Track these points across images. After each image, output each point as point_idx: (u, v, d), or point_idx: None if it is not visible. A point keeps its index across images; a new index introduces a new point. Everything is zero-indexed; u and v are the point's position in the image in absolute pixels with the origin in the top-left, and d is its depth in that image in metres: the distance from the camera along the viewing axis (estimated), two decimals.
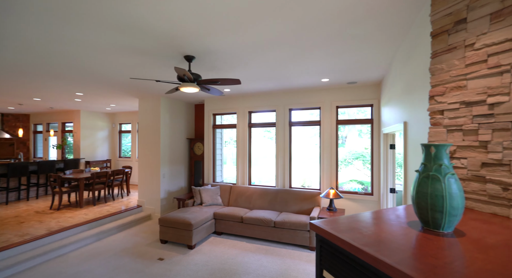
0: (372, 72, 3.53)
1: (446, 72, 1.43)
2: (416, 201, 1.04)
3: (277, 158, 4.90)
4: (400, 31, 2.26)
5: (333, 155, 4.49)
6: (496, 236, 0.97)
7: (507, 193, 1.18)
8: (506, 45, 1.18)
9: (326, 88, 4.52)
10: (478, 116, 1.29)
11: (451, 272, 0.70)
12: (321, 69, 3.41)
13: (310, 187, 5.87)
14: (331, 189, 3.99)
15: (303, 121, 4.84)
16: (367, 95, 4.29)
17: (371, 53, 2.80)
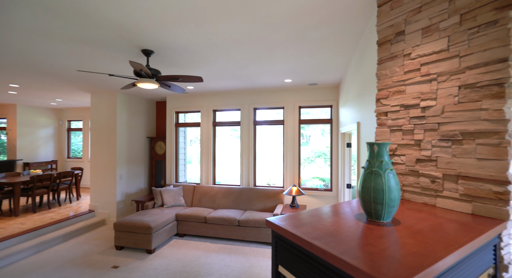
0: (331, 75, 3.75)
1: (389, 77, 1.58)
2: (361, 195, 1.13)
3: (242, 157, 4.91)
4: (354, 38, 2.43)
5: (295, 153, 4.66)
6: (424, 222, 1.11)
7: (434, 185, 1.36)
8: (433, 57, 1.35)
9: (289, 88, 4.67)
10: (414, 118, 1.46)
11: (384, 257, 0.78)
12: (284, 70, 3.50)
13: (275, 185, 6.02)
14: (294, 186, 4.15)
15: (267, 120, 4.93)
16: (327, 97, 4.55)
17: (329, 57, 2.97)
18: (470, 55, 1.22)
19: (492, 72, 1.14)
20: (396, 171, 1.55)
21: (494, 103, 1.14)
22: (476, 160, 1.20)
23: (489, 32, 1.15)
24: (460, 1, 1.25)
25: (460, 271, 0.93)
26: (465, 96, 1.24)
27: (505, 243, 1.12)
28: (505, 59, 1.10)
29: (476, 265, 1.02)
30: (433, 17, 1.36)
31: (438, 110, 1.34)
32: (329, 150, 4.63)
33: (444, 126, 1.32)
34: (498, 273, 1.11)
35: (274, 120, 4.88)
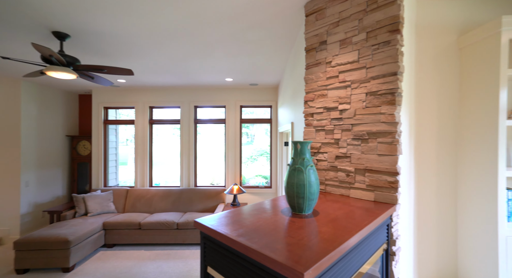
0: (270, 76, 3.92)
1: (315, 82, 1.75)
2: (286, 190, 1.22)
3: (182, 156, 4.69)
4: (288, 43, 2.60)
5: (237, 152, 4.71)
6: (340, 211, 1.26)
7: (348, 178, 1.57)
8: (348, 66, 1.55)
9: (231, 87, 4.68)
10: (334, 119, 1.65)
11: (300, 246, 0.85)
12: (224, 69, 3.49)
13: (219, 184, 5.96)
14: (235, 185, 4.19)
15: (209, 119, 4.83)
16: (266, 97, 4.74)
17: (267, 59, 3.10)
18: (373, 67, 1.44)
19: (387, 83, 1.38)
20: (320, 167, 1.72)
21: (389, 108, 1.38)
22: (377, 155, 1.43)
23: (385, 49, 1.38)
24: (366, 20, 1.47)
25: (364, 247, 1.10)
26: (370, 102, 1.46)
27: (394, 222, 1.37)
28: (395, 73, 1.34)
29: (375, 241, 1.22)
30: (347, 32, 1.56)
31: (352, 113, 1.55)
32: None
33: (356, 127, 1.53)
34: (389, 247, 1.36)
35: (216, 119, 4.82)
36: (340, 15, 1.60)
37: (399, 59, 1.36)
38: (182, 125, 4.71)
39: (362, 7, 1.49)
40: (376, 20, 1.43)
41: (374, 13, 1.44)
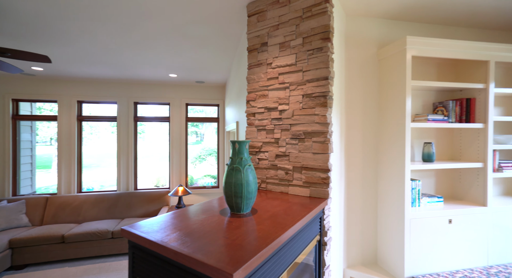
0: (217, 74, 3.85)
1: (257, 82, 1.78)
2: (224, 190, 1.20)
3: (120, 157, 4.23)
4: (233, 42, 2.59)
5: (182, 151, 4.49)
6: (277, 208, 1.31)
7: (287, 176, 1.64)
8: (287, 69, 1.63)
9: (176, 84, 4.43)
10: (274, 119, 1.71)
11: (233, 246, 0.84)
12: (167, 64, 3.27)
13: (164, 186, 5.58)
14: (180, 186, 3.98)
15: (152, 117, 4.47)
16: (214, 96, 4.65)
17: (213, 57, 3.03)
18: (309, 71, 1.54)
19: (321, 86, 1.49)
20: (261, 165, 1.76)
21: (322, 110, 1.49)
22: (312, 154, 1.54)
23: (318, 55, 1.50)
24: (303, 27, 1.56)
25: (298, 240, 1.16)
26: (306, 104, 1.56)
27: (326, 215, 1.50)
28: (327, 78, 1.46)
29: (309, 234, 1.31)
30: (286, 36, 1.63)
31: (290, 113, 1.63)
32: None
33: (294, 127, 1.62)
34: (322, 238, 1.48)
35: (159, 117, 4.50)
36: (280, 19, 1.66)
37: (330, 65, 1.48)
38: (119, 123, 4.24)
39: (299, 14, 1.58)
40: (310, 27, 1.53)
41: (309, 21, 1.54)
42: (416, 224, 1.82)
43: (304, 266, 1.38)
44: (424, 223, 1.83)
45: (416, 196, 1.92)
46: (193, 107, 5.08)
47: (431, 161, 1.98)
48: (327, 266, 1.51)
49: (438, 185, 2.20)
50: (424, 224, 1.83)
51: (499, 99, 2.30)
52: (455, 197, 2.19)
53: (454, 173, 2.19)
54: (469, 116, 2.00)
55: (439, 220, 1.85)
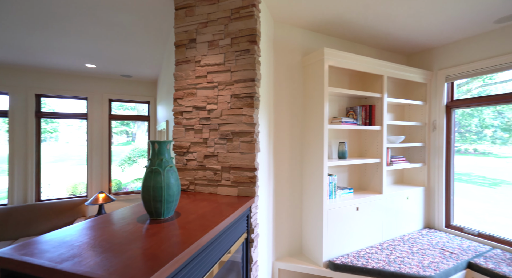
0: (147, 69, 3.53)
1: (184, 80, 1.70)
2: (142, 195, 1.09)
3: (12, 162, 3.40)
4: (164, 35, 2.41)
5: (105, 153, 3.94)
6: (203, 209, 1.27)
7: (216, 176, 1.63)
8: (215, 68, 1.61)
9: (95, 76, 3.85)
10: (203, 119, 1.66)
11: (144, 256, 0.77)
12: (82, 52, 2.81)
13: (82, 194, 4.77)
14: (101, 193, 3.48)
15: (63, 113, 3.76)
16: (143, 92, 4.25)
17: (141, 49, 2.76)
18: (237, 72, 1.56)
19: (248, 87, 1.53)
20: (189, 166, 1.69)
21: (249, 110, 1.54)
22: (240, 153, 1.57)
23: (246, 57, 1.53)
24: (231, 27, 1.57)
25: (223, 239, 1.15)
26: (234, 104, 1.58)
27: (253, 212, 1.55)
28: (253, 79, 1.51)
29: (235, 232, 1.32)
30: (215, 34, 1.61)
31: (218, 113, 1.62)
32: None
33: (222, 127, 1.61)
34: (249, 235, 1.53)
35: (73, 113, 3.83)
36: (209, 16, 1.63)
37: (257, 67, 1.54)
38: (13, 119, 3.40)
39: (227, 14, 1.58)
40: (238, 29, 1.55)
41: (237, 22, 1.56)
42: (333, 214, 2.07)
43: (231, 264, 1.39)
44: (338, 212, 2.10)
45: (333, 189, 2.19)
46: (122, 104, 4.52)
47: (344, 158, 2.29)
48: (254, 262, 1.56)
49: (350, 178, 2.57)
50: (338, 213, 2.10)
51: (391, 107, 2.84)
52: (362, 187, 2.59)
53: (361, 168, 2.60)
54: (371, 120, 2.40)
55: (350, 209, 2.16)
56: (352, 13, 1.96)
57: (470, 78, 2.56)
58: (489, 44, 2.29)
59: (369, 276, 1.87)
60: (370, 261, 1.98)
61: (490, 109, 5.26)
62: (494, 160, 6.02)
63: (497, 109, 4.75)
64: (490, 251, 2.13)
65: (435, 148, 2.70)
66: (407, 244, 2.28)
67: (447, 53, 2.60)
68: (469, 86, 3.72)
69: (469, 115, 5.39)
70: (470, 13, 1.96)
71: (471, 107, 2.57)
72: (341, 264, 1.94)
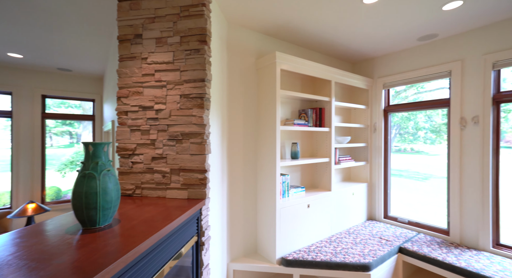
0: (90, 63, 3.19)
1: (129, 77, 1.58)
2: (73, 202, 0.98)
3: None
4: (108, 28, 2.21)
5: (36, 157, 3.44)
6: (147, 214, 1.20)
7: (164, 179, 1.55)
8: (164, 66, 1.54)
9: (23, 68, 3.35)
10: (150, 119, 1.57)
11: (67, 271, 0.69)
12: (4, 38, 2.41)
13: (6, 205, 4.07)
14: (30, 203, 3.02)
15: None
16: (87, 89, 3.84)
17: (80, 40, 2.48)
18: (186, 72, 1.52)
19: (198, 87, 1.50)
20: (135, 169, 1.58)
21: (199, 111, 1.50)
22: (190, 155, 1.52)
23: (195, 57, 1.50)
24: (180, 25, 1.52)
25: (170, 243, 1.10)
26: (184, 104, 1.53)
27: (204, 215, 1.52)
28: (203, 80, 1.49)
29: (183, 236, 1.28)
30: (163, 31, 1.54)
31: (167, 113, 1.55)
32: None
33: (171, 128, 1.55)
34: (199, 238, 1.49)
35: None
36: (156, 12, 1.55)
37: (207, 68, 1.52)
38: None
39: (176, 11, 1.53)
40: (188, 27, 1.51)
41: (186, 20, 1.51)
42: (285, 212, 2.15)
43: (179, 270, 1.34)
44: (291, 210, 2.19)
45: (286, 188, 2.28)
46: (65, 101, 3.99)
47: (297, 158, 2.41)
48: (205, 265, 1.53)
49: (303, 177, 2.70)
50: (291, 211, 2.19)
51: (339, 110, 3.09)
52: (314, 186, 2.76)
53: (313, 167, 2.76)
54: (321, 122, 2.57)
55: (301, 206, 2.28)
56: (300, 20, 2.08)
57: (406, 85, 2.93)
58: (415, 58, 2.65)
59: (318, 268, 1.99)
60: (319, 254, 2.11)
61: (422, 113, 6.05)
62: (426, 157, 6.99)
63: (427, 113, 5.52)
64: (416, 236, 2.47)
65: (376, 147, 3.02)
66: (352, 236, 2.50)
67: (384, 63, 2.94)
68: (406, 93, 4.28)
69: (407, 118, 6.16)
70: (399, 31, 2.25)
71: (403, 111, 2.94)
72: (292, 259, 2.03)
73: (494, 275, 1.75)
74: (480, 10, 1.90)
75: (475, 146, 2.22)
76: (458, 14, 1.96)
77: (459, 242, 2.31)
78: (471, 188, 2.25)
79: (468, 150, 2.27)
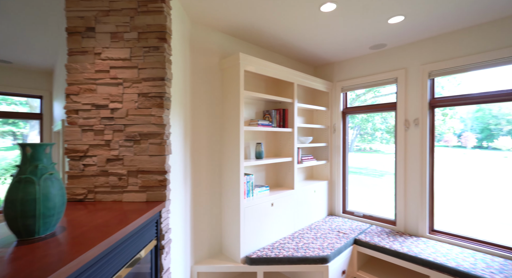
0: (36, 55, 2.87)
1: (80, 73, 1.47)
2: (5, 211, 0.88)
3: None
4: (56, 17, 2.02)
5: None
6: (99, 220, 1.13)
7: (121, 182, 1.47)
8: (120, 63, 1.46)
9: None
10: (105, 119, 1.48)
11: None
12: None
13: None
14: None
15: None
16: (33, 84, 3.44)
17: (21, 29, 2.22)
18: (145, 69, 1.46)
19: (157, 86, 1.45)
20: (87, 172, 1.47)
21: (158, 111, 1.46)
22: (148, 156, 1.47)
23: (155, 54, 1.45)
24: (138, 21, 1.46)
25: (123, 249, 1.05)
26: (142, 103, 1.47)
27: (164, 217, 1.48)
28: (163, 79, 1.45)
29: (140, 240, 1.23)
30: (119, 26, 1.46)
31: (124, 113, 1.47)
32: None
33: (128, 128, 1.47)
34: (159, 242, 1.45)
35: None
36: (111, 5, 1.46)
37: (167, 67, 1.48)
38: None
39: (134, 5, 1.46)
40: (146, 23, 1.46)
41: (144, 16, 1.46)
42: (250, 211, 2.19)
43: (136, 276, 1.29)
44: (255, 209, 2.23)
45: (250, 188, 2.31)
46: (6, 97, 3.50)
47: (261, 158, 2.46)
48: (165, 270, 1.49)
49: (267, 176, 2.77)
50: (255, 210, 2.23)
51: (302, 111, 3.23)
52: (278, 185, 2.84)
53: (277, 166, 2.84)
54: (284, 123, 2.66)
55: (265, 205, 2.33)
56: (263, 23, 2.13)
57: (366, 89, 3.17)
58: (368, 64, 2.90)
59: (281, 264, 2.07)
60: (282, 250, 2.18)
61: (379, 115, 6.51)
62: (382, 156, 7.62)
63: (383, 116, 6.00)
64: (369, 228, 2.70)
65: (335, 147, 3.23)
66: (313, 231, 2.63)
67: (342, 68, 3.16)
68: (365, 96, 4.64)
69: (366, 120, 6.64)
70: (353, 39, 2.44)
71: (358, 113, 3.19)
72: (256, 257, 2.07)
73: (428, 257, 2.01)
74: (419, 25, 2.16)
75: (416, 145, 2.51)
76: (401, 27, 2.20)
77: (403, 230, 2.59)
78: (413, 182, 2.53)
79: (411, 148, 2.55)
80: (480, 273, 1.78)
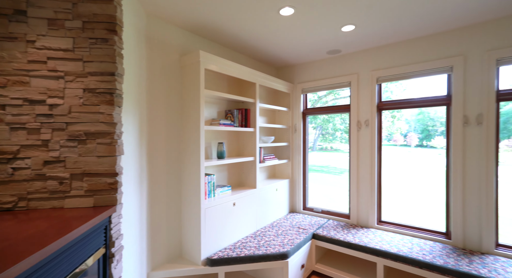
0: None
1: (8, 62, 1.27)
2: None
3: None
4: None
5: None
6: (31, 230, 0.99)
7: (62, 186, 1.32)
8: (60, 54, 1.31)
9: None
10: (41, 116, 1.31)
11: None
12: None
13: None
14: None
15: None
16: None
17: None
18: (91, 63, 1.33)
19: (106, 82, 1.34)
20: (18, 177, 1.28)
21: (107, 108, 1.34)
22: (96, 157, 1.34)
23: (103, 47, 1.33)
24: (82, 8, 1.33)
25: (61, 262, 0.94)
26: (88, 100, 1.34)
27: (114, 223, 1.37)
28: (113, 74, 1.34)
29: (84, 250, 1.12)
30: (58, 12, 1.31)
31: (66, 109, 1.32)
32: None
33: (72, 126, 1.33)
34: (108, 249, 1.34)
35: None
36: None
37: (118, 61, 1.37)
38: None
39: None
40: (93, 13, 1.33)
41: (90, 4, 1.33)
42: (211, 212, 2.15)
43: None
44: (217, 210, 2.20)
45: (211, 188, 2.27)
46: None
47: (223, 157, 2.43)
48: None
49: (229, 176, 2.76)
50: (217, 210, 2.20)
51: (264, 111, 3.29)
52: (240, 184, 2.85)
53: (239, 166, 2.85)
54: (247, 122, 2.68)
55: (227, 205, 2.32)
56: (224, 22, 2.12)
57: (327, 91, 3.35)
58: (325, 68, 3.08)
59: (242, 264, 2.07)
60: (244, 249, 2.20)
61: (338, 116, 6.93)
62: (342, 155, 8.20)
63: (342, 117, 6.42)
64: (326, 223, 2.87)
65: (296, 146, 3.36)
66: (275, 229, 2.70)
67: (302, 70, 3.30)
68: (326, 98, 4.92)
69: (327, 121, 7.03)
70: (310, 43, 2.57)
71: (317, 114, 3.36)
72: (217, 258, 2.05)
73: (375, 246, 2.22)
74: (368, 35, 2.37)
75: (367, 144, 2.75)
76: (353, 35, 2.38)
77: (356, 223, 2.82)
78: (364, 178, 2.77)
79: (362, 147, 2.79)
80: (415, 255, 2.03)
